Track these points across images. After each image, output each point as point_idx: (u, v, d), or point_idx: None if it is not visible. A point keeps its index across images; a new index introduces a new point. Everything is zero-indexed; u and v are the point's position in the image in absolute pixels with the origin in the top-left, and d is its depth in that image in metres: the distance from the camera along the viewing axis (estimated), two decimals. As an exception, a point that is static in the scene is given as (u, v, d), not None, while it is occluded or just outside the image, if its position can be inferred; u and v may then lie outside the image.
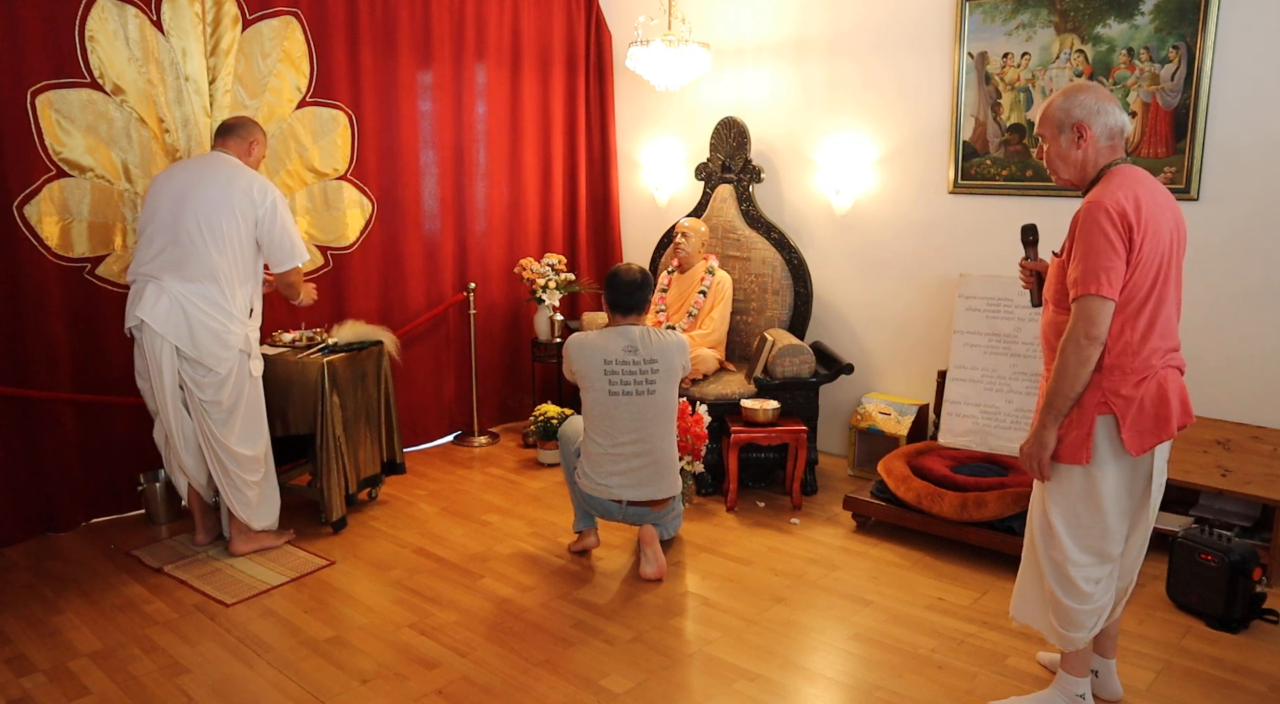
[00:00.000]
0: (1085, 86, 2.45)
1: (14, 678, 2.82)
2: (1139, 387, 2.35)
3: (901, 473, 3.81)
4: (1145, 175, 2.40)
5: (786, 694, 2.74)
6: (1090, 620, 2.49)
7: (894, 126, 4.57)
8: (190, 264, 3.36)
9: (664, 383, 3.38)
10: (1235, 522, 3.54)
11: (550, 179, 5.59)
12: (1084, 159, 2.43)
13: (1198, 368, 3.82)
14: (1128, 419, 2.34)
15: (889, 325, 4.72)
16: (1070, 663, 2.58)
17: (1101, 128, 2.40)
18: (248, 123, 3.62)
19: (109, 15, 3.76)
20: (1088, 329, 2.31)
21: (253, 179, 3.47)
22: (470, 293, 5.04)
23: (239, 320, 3.46)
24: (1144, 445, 2.35)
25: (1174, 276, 2.39)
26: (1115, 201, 2.28)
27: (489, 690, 2.75)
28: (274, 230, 3.48)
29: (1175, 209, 2.42)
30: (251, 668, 2.88)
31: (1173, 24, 3.71)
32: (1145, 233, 2.28)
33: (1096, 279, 2.28)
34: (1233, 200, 3.69)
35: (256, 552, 3.68)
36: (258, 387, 3.59)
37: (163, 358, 3.38)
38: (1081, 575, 2.46)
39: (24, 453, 3.78)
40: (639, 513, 3.49)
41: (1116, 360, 2.35)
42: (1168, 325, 2.38)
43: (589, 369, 3.36)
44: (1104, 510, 2.42)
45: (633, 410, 3.36)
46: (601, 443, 3.41)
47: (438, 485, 4.55)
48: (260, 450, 3.61)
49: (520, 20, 5.29)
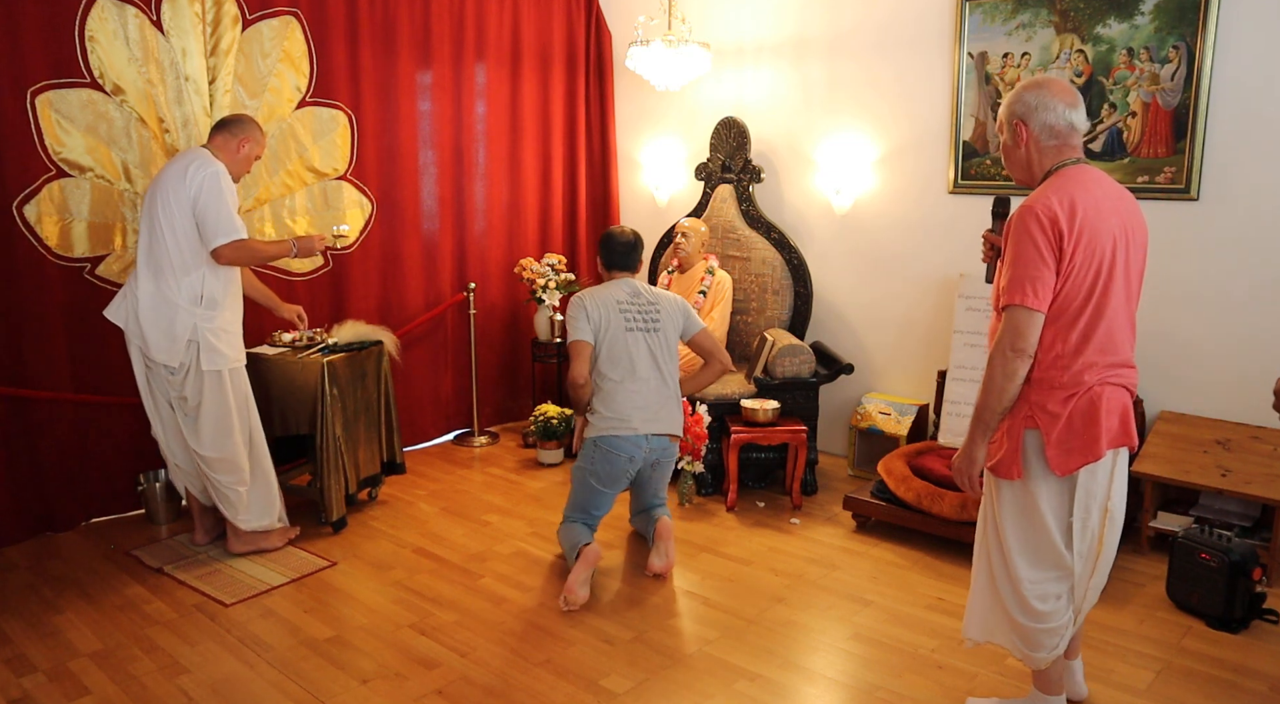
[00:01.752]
0: (1036, 82, 2.29)
1: (14, 678, 2.82)
2: (1067, 403, 2.22)
3: (901, 473, 3.81)
4: (1094, 178, 2.25)
5: (786, 694, 2.74)
6: (1050, 640, 2.38)
7: (894, 126, 4.57)
8: (151, 256, 3.35)
9: (667, 323, 3.56)
10: (1235, 522, 3.54)
11: (550, 179, 5.59)
12: (1027, 158, 2.30)
13: (1198, 368, 3.83)
14: (1052, 436, 2.23)
15: (889, 325, 4.72)
16: (1041, 681, 2.51)
17: (1040, 125, 2.25)
18: (244, 121, 3.53)
19: (109, 15, 3.76)
20: (1014, 341, 2.19)
21: (197, 162, 3.33)
22: (470, 293, 5.04)
23: (185, 309, 3.35)
24: (1069, 465, 2.23)
25: (1120, 286, 2.23)
26: (1047, 207, 2.15)
27: (489, 690, 2.75)
28: (203, 205, 3.29)
29: (1129, 215, 2.26)
30: (251, 668, 2.88)
31: (1173, 24, 3.71)
32: (1079, 240, 2.15)
33: (1023, 289, 2.16)
34: (1233, 200, 3.69)
35: (253, 552, 3.66)
36: (222, 385, 3.45)
37: (133, 357, 3.42)
38: (1034, 593, 2.35)
39: (24, 453, 3.78)
40: (661, 446, 3.49)
41: (1045, 373, 2.23)
42: (1108, 339, 2.22)
43: (604, 312, 3.48)
44: (1046, 527, 2.31)
45: (648, 346, 3.51)
46: (620, 379, 3.46)
47: (438, 485, 4.54)
48: (228, 453, 3.49)
49: (520, 20, 5.29)
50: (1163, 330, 3.87)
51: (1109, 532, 2.34)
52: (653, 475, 3.60)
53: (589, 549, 3.36)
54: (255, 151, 3.56)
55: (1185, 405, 3.87)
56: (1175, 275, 3.83)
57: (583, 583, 3.29)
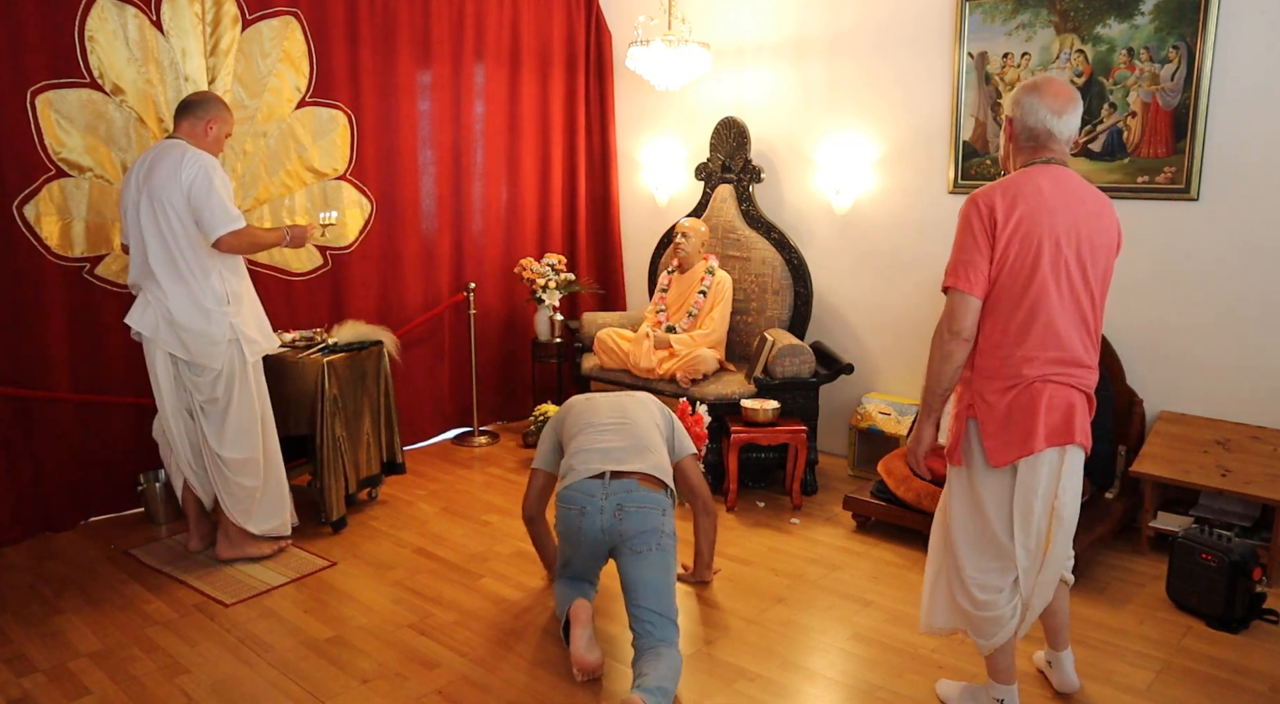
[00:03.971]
0: (1034, 83, 2.31)
1: (14, 678, 2.82)
2: (1005, 394, 2.26)
3: (901, 473, 3.81)
4: (1055, 177, 2.25)
5: (786, 694, 2.74)
6: (990, 629, 2.40)
7: (894, 126, 4.57)
8: (158, 268, 3.32)
9: (643, 397, 3.28)
10: (1235, 522, 3.54)
11: (549, 179, 5.59)
12: (1005, 152, 2.40)
13: (1198, 368, 3.83)
14: (989, 426, 2.27)
15: (889, 325, 4.72)
16: (989, 666, 2.52)
17: (1020, 125, 2.31)
18: (207, 101, 3.41)
19: (109, 15, 3.76)
20: (950, 323, 2.27)
21: (184, 155, 3.27)
22: (470, 293, 5.04)
23: (217, 312, 3.35)
24: (1004, 457, 2.26)
25: (1063, 284, 2.23)
26: (987, 196, 2.24)
27: (489, 690, 2.75)
28: (196, 200, 3.24)
29: (1090, 217, 2.25)
30: (251, 668, 2.88)
31: (1173, 24, 3.71)
32: (1014, 233, 2.20)
33: (956, 273, 2.26)
34: (1233, 200, 3.68)
35: (242, 560, 3.59)
36: (249, 383, 3.47)
37: (157, 363, 3.38)
38: (975, 583, 2.38)
39: (23, 452, 3.78)
40: (625, 490, 2.80)
41: (986, 362, 2.29)
42: (1049, 334, 2.23)
43: (576, 403, 3.24)
44: (987, 517, 2.34)
45: (614, 399, 3.20)
46: (578, 431, 3.06)
47: (438, 485, 4.54)
48: (250, 453, 3.50)
49: (520, 20, 5.29)
50: (1163, 330, 3.87)
51: (1056, 530, 2.33)
52: (623, 550, 2.78)
53: (578, 607, 2.86)
54: (224, 130, 3.45)
55: (1185, 405, 3.87)
56: (1175, 275, 3.83)
57: (587, 646, 2.77)
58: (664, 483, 2.93)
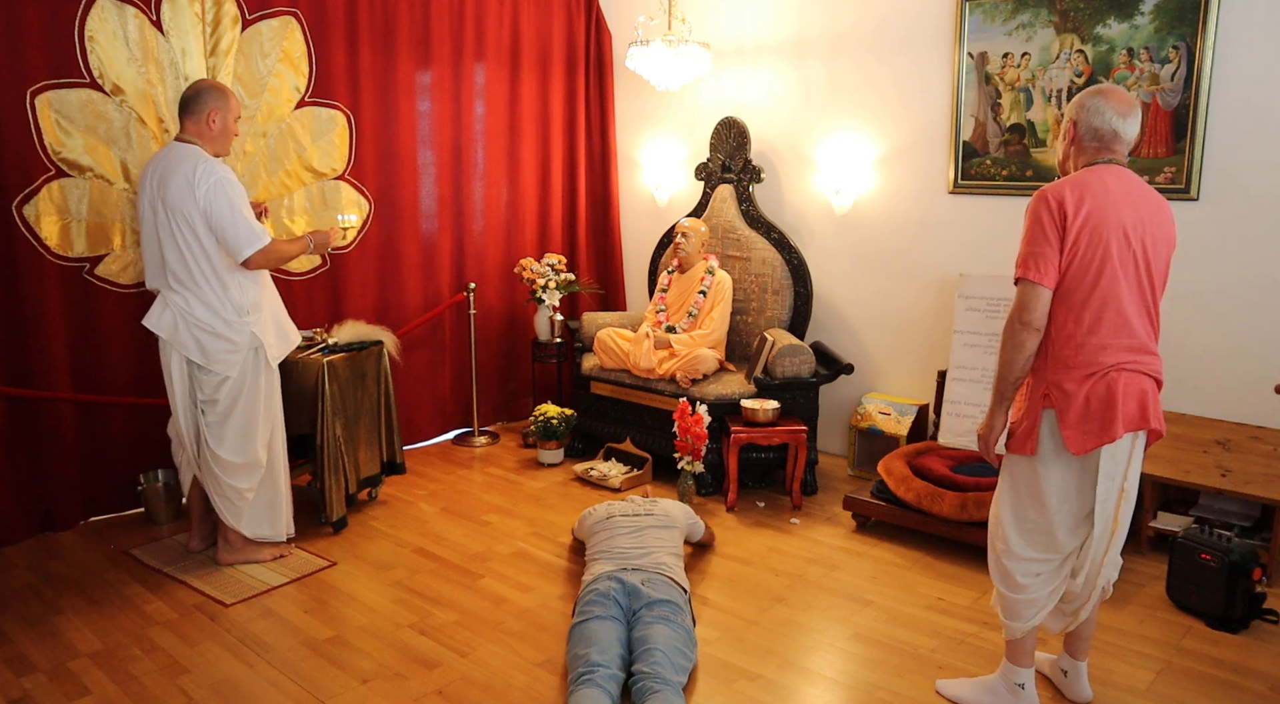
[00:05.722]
0: (1098, 89, 2.42)
1: (14, 678, 2.82)
2: (1083, 383, 2.31)
3: (901, 473, 3.81)
4: (1119, 177, 2.35)
5: (786, 694, 2.74)
6: (1027, 611, 2.48)
7: (894, 126, 4.57)
8: (177, 275, 3.31)
9: (662, 512, 3.47)
10: (1235, 522, 3.54)
11: (549, 179, 5.59)
12: (1065, 152, 2.47)
13: (1198, 368, 3.83)
14: (1069, 415, 2.32)
15: (889, 325, 4.72)
16: (1011, 651, 2.58)
17: (1086, 126, 2.40)
18: (204, 92, 3.31)
19: (109, 15, 3.76)
20: (1021, 313, 2.32)
21: (195, 170, 3.22)
22: (470, 293, 5.04)
23: (241, 319, 3.37)
24: (1085, 445, 2.31)
25: (1131, 275, 2.32)
26: (1057, 190, 2.31)
27: (489, 690, 2.75)
28: (217, 221, 3.23)
29: (1151, 213, 2.35)
30: (251, 668, 2.88)
31: (1173, 24, 3.71)
32: (1083, 226, 2.28)
33: (1026, 264, 2.31)
34: (1233, 200, 3.69)
35: (243, 563, 3.58)
36: (258, 390, 3.46)
37: (172, 365, 3.37)
38: (1019, 568, 2.46)
39: (23, 452, 3.78)
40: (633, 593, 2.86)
41: (1059, 352, 2.34)
42: (1122, 322, 2.32)
43: (597, 508, 3.56)
44: (1047, 508, 2.40)
45: (630, 522, 3.39)
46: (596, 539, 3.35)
47: (438, 485, 4.54)
48: (247, 458, 3.47)
49: (520, 20, 5.29)
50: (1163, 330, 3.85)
51: (1124, 508, 2.41)
52: (643, 615, 2.80)
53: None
54: (230, 118, 3.36)
55: (1185, 405, 3.87)
56: (1175, 275, 3.77)
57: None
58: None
